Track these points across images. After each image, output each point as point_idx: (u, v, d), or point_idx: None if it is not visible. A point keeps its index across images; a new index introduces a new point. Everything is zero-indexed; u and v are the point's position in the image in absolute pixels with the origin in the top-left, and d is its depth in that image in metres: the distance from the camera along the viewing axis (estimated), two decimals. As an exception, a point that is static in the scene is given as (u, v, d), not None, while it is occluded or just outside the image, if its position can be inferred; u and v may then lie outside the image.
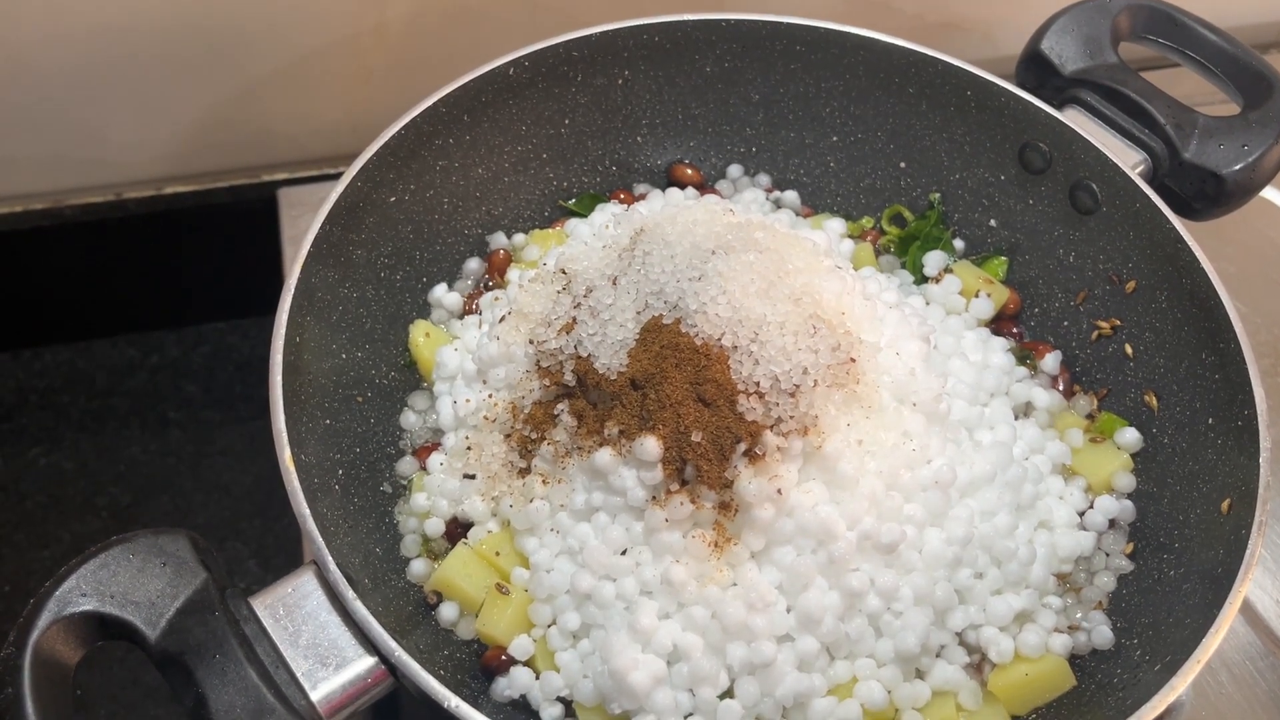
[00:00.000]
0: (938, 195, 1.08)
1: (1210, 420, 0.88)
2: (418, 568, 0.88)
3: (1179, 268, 0.92)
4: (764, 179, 1.12)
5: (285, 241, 1.21)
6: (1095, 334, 0.99)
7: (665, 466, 0.80)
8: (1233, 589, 0.75)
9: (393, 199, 0.97)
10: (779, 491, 0.80)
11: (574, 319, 0.87)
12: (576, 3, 1.28)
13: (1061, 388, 0.99)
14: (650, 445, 0.80)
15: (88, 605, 0.70)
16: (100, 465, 1.36)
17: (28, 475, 1.35)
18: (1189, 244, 0.91)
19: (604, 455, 0.82)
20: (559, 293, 0.91)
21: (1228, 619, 0.74)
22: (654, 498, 0.81)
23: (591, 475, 0.84)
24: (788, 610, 0.81)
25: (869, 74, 1.05)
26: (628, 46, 1.04)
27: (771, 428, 0.81)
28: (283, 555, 1.32)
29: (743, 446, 0.80)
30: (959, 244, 1.07)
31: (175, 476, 1.37)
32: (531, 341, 0.89)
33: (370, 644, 0.72)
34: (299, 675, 0.71)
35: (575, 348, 0.85)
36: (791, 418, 0.81)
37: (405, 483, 0.93)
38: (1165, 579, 0.86)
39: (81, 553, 1.08)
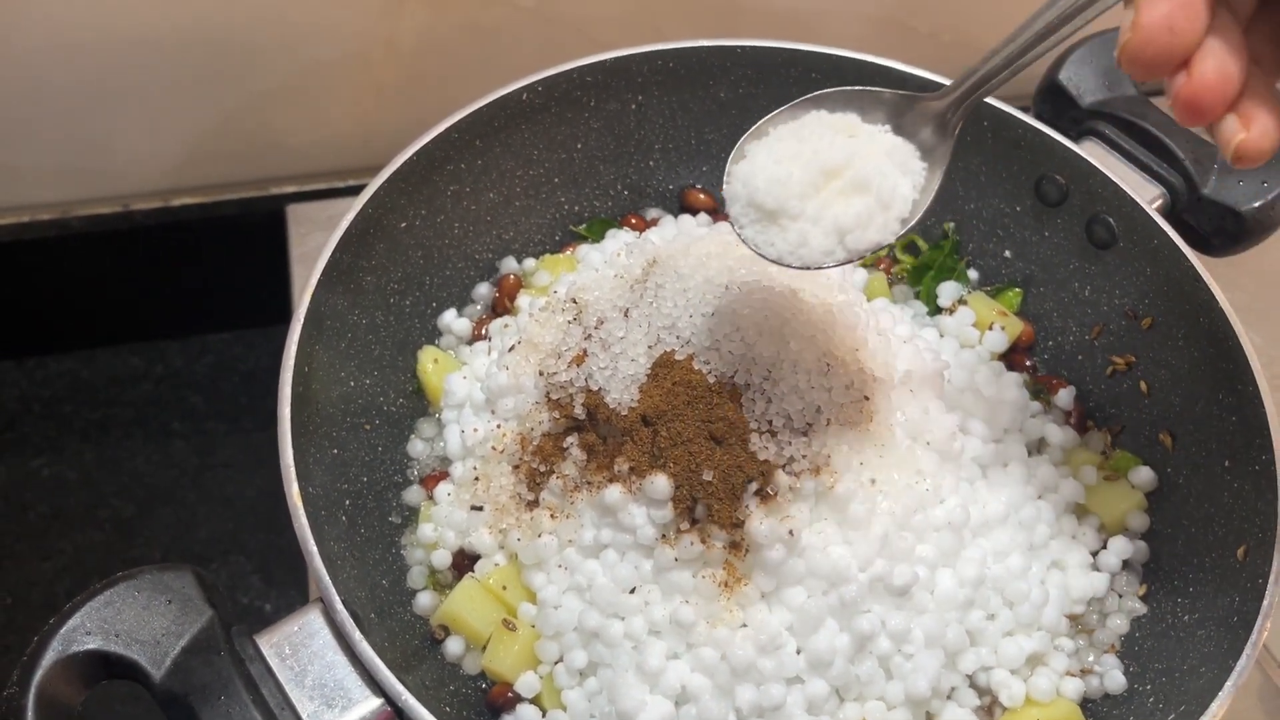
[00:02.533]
0: (952, 225, 1.07)
1: (1226, 462, 0.87)
2: (424, 600, 0.87)
3: (1196, 305, 0.91)
4: (776, 205, 1.11)
5: (293, 260, 1.20)
6: (1110, 369, 0.99)
7: (676, 505, 0.80)
8: (1249, 641, 0.74)
9: (403, 225, 0.96)
10: (790, 533, 0.79)
11: (585, 351, 0.86)
12: (589, 21, 1.27)
13: (1075, 423, 0.98)
14: (661, 483, 0.79)
15: (92, 644, 0.69)
16: (103, 476, 1.36)
17: (30, 485, 1.34)
18: (1207, 282, 0.90)
19: (614, 492, 0.81)
20: (570, 323, 0.90)
21: (1245, 671, 0.73)
22: (664, 536, 0.81)
23: (601, 511, 0.83)
24: (798, 652, 0.80)
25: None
26: (641, 72, 1.03)
27: (784, 467, 0.80)
28: (286, 570, 1.31)
29: (754, 486, 0.80)
30: (973, 274, 1.06)
31: (178, 488, 1.36)
32: (541, 373, 0.88)
33: (376, 685, 0.72)
34: (305, 717, 0.70)
35: (586, 381, 0.85)
36: (804, 457, 0.81)
37: (412, 512, 0.92)
38: (1179, 624, 0.85)
39: (83, 565, 1.06)
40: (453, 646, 0.85)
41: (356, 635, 0.72)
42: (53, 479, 1.35)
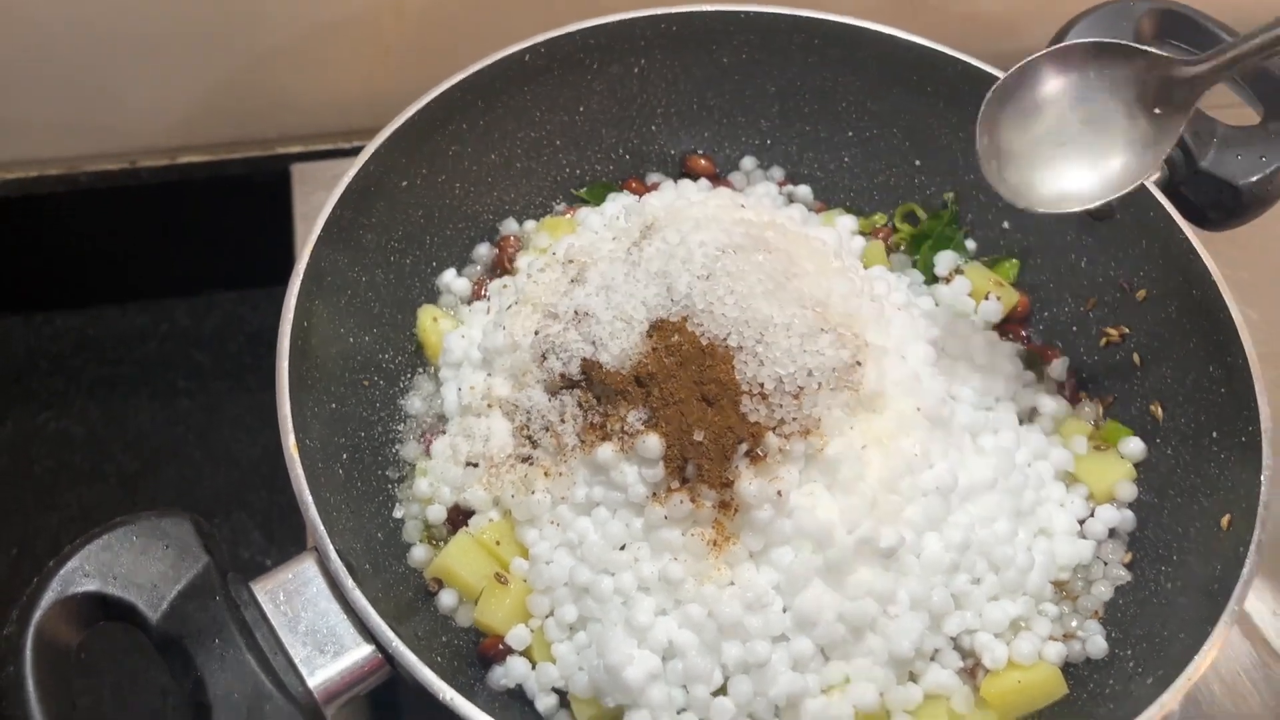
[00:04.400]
0: (952, 195, 1.07)
1: (1214, 434, 0.88)
2: (419, 554, 0.89)
3: (1190, 279, 0.92)
4: (777, 172, 1.12)
5: (297, 218, 1.21)
6: (1104, 341, 0.99)
7: (667, 464, 0.81)
8: (1227, 607, 0.75)
9: (404, 183, 0.97)
10: (779, 493, 0.80)
11: (582, 311, 0.87)
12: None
13: (1067, 394, 0.99)
14: (652, 442, 0.80)
15: (90, 586, 0.71)
16: (109, 432, 1.37)
17: (37, 440, 1.36)
18: (1201, 255, 0.91)
19: (606, 450, 0.82)
20: (568, 284, 0.91)
21: (1221, 637, 0.74)
22: (654, 495, 0.82)
23: (593, 470, 0.84)
24: (784, 610, 0.81)
25: (887, 70, 1.04)
26: (645, 35, 1.04)
27: (774, 429, 0.81)
28: (287, 527, 1.32)
29: (744, 447, 0.81)
30: (971, 245, 1.07)
31: (183, 445, 1.37)
32: (538, 332, 0.89)
33: (368, 632, 0.73)
34: (297, 661, 0.72)
35: (582, 341, 0.86)
36: (794, 419, 0.82)
37: (409, 468, 0.93)
38: (1162, 591, 0.86)
39: (88, 519, 1.08)
40: (446, 599, 0.87)
41: (349, 583, 0.73)
42: (59, 434, 1.36)
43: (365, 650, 0.73)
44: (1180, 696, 0.72)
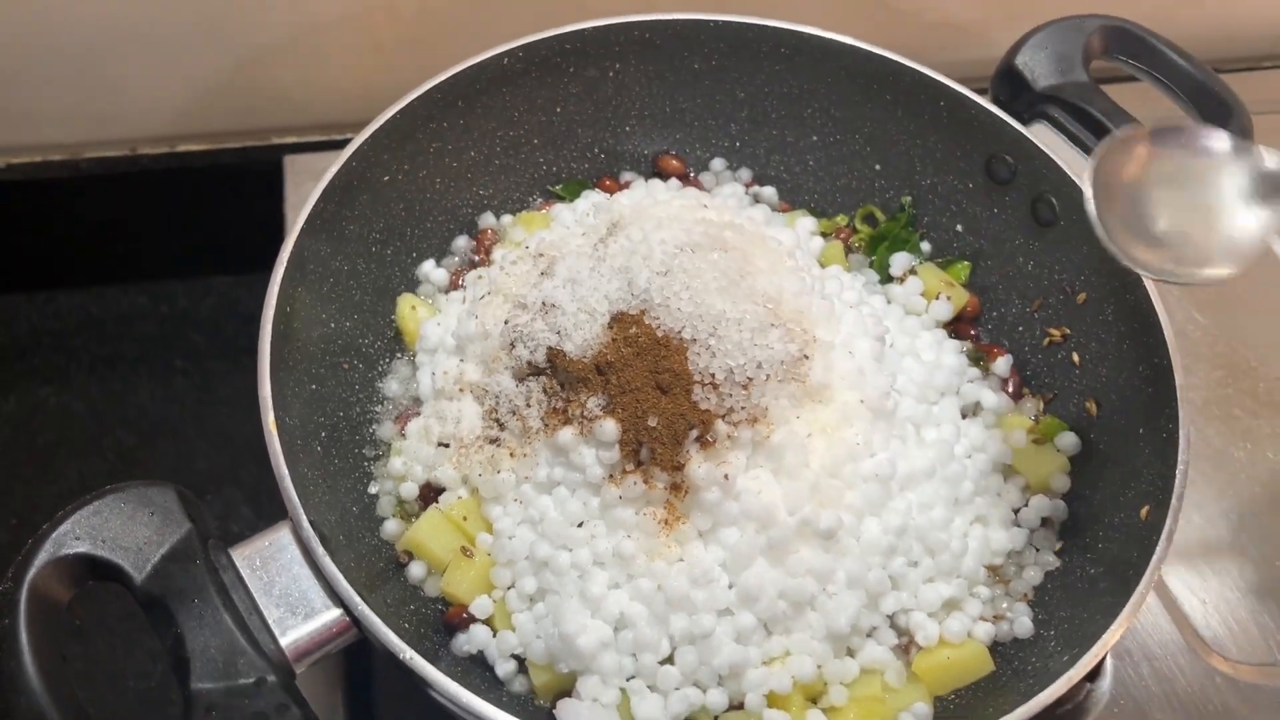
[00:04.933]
0: (909, 199, 1.12)
1: (1141, 430, 0.93)
2: (391, 527, 0.94)
3: (1125, 283, 0.97)
4: (745, 173, 1.17)
5: (288, 208, 1.26)
6: (1047, 340, 1.05)
7: (622, 447, 0.86)
8: (1136, 589, 0.81)
9: (386, 178, 1.02)
10: (726, 476, 0.85)
11: (549, 302, 0.93)
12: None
13: (1011, 390, 1.04)
14: (609, 427, 0.86)
15: (81, 548, 0.76)
16: (108, 408, 1.41)
17: (38, 414, 1.40)
18: (1135, 261, 0.96)
19: (567, 434, 0.88)
20: (539, 277, 0.97)
21: (1128, 617, 0.80)
22: (611, 476, 0.87)
23: (554, 451, 0.89)
24: (729, 586, 0.87)
25: (849, 79, 1.09)
26: (619, 41, 1.09)
27: (723, 417, 0.87)
28: (275, 503, 1.37)
29: (695, 433, 0.86)
30: (926, 246, 1.12)
31: (179, 423, 1.42)
32: (507, 321, 0.94)
33: (337, 597, 0.79)
34: (270, 622, 0.78)
35: (548, 330, 0.91)
36: (743, 408, 0.87)
37: (384, 447, 0.99)
38: (1085, 576, 0.92)
39: (86, 491, 1.14)
40: (415, 570, 0.92)
41: (320, 551, 0.79)
42: (59, 408, 1.41)
43: (334, 613, 0.79)
44: (1086, 669, 0.78)
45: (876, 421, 0.92)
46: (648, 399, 0.86)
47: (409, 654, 0.76)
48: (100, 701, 1.19)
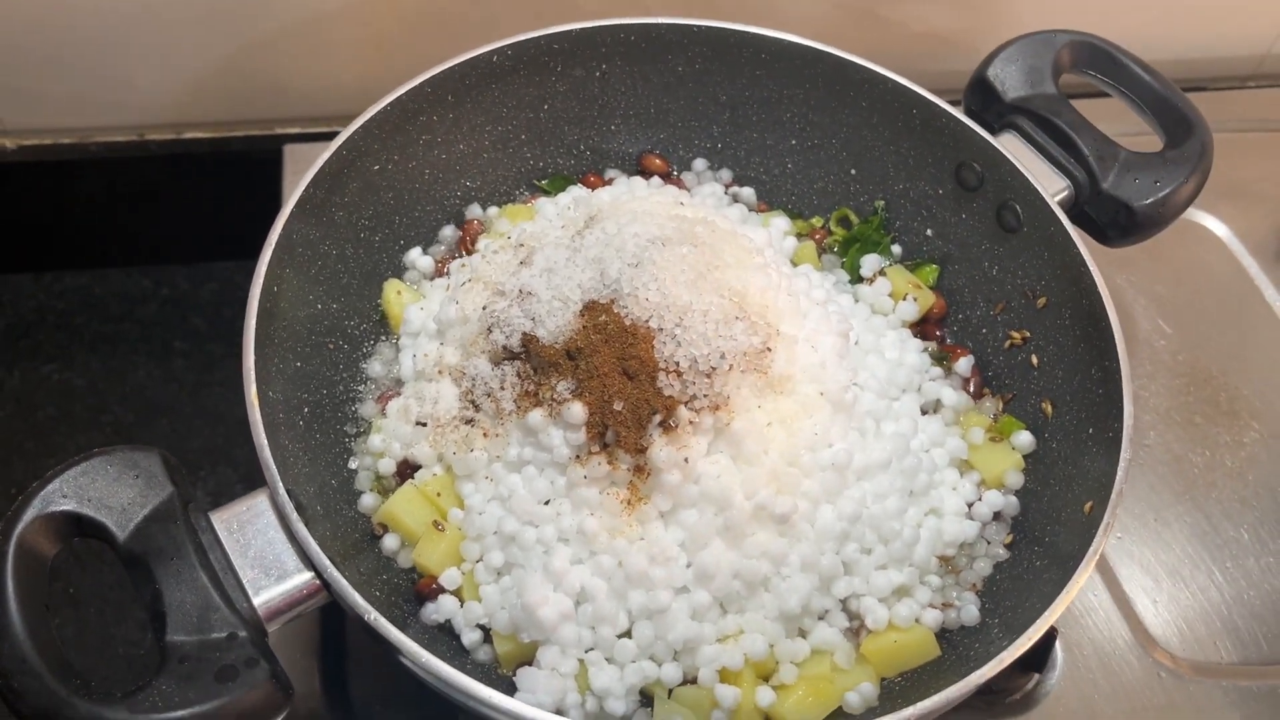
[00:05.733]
0: (882, 202, 1.16)
1: (1090, 430, 0.97)
2: (367, 501, 0.98)
3: (1081, 289, 1.00)
4: (726, 174, 1.21)
5: (286, 196, 1.30)
6: (1008, 343, 1.08)
7: (589, 430, 0.90)
8: (1071, 578, 0.84)
9: (376, 167, 1.06)
10: (686, 460, 0.89)
11: (525, 290, 0.97)
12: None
13: (972, 389, 1.08)
14: (577, 410, 0.90)
15: (67, 505, 0.80)
16: (108, 385, 1.45)
17: (41, 389, 1.44)
18: (1090, 269, 0.99)
19: (536, 415, 0.92)
20: (518, 265, 1.01)
21: (1063, 605, 0.84)
22: (577, 457, 0.91)
23: (525, 432, 0.93)
24: (687, 565, 0.90)
25: (827, 86, 1.13)
26: (605, 42, 1.13)
27: (686, 403, 0.90)
28: (264, 480, 1.42)
29: (658, 418, 0.90)
30: (897, 249, 1.16)
31: (176, 402, 1.45)
32: (485, 307, 0.98)
33: (309, 561, 0.83)
34: (244, 582, 0.82)
35: (523, 317, 0.95)
36: (706, 396, 0.91)
37: (365, 424, 1.03)
38: (1032, 568, 0.95)
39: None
40: (389, 542, 0.96)
41: (294, 517, 0.83)
42: (61, 385, 1.45)
43: (305, 576, 0.83)
44: (1018, 654, 0.82)
45: (836, 414, 0.96)
46: (614, 384, 0.90)
47: (373, 615, 0.80)
48: (90, 664, 1.23)
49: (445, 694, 0.81)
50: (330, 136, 1.30)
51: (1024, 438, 1.03)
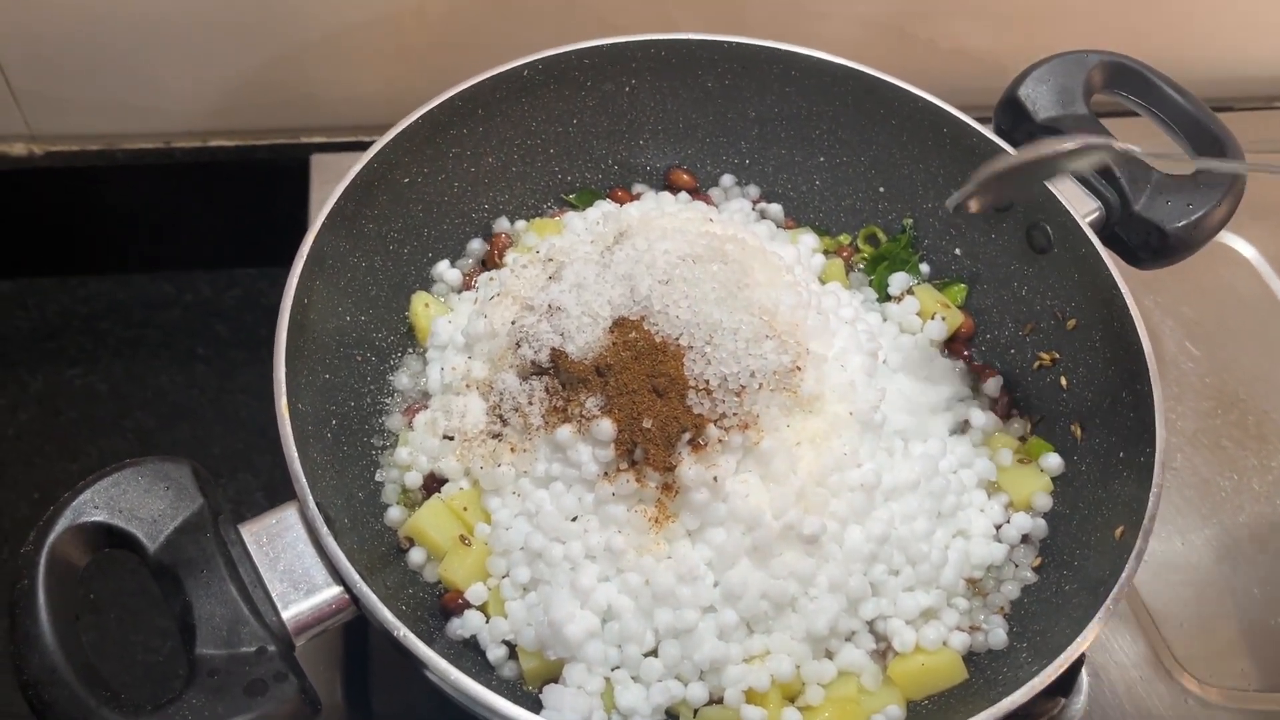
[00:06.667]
0: (910, 221, 1.16)
1: (1121, 454, 0.96)
2: (394, 514, 0.98)
3: (1113, 312, 1.00)
4: (753, 190, 1.20)
5: (313, 205, 1.31)
6: (1037, 364, 1.08)
7: (617, 447, 0.90)
8: (1103, 605, 0.84)
9: (406, 180, 1.06)
10: (714, 478, 0.89)
11: (554, 305, 0.97)
12: (608, 5, 1.36)
13: (1000, 410, 1.07)
14: (606, 426, 0.90)
15: (99, 516, 0.80)
16: (131, 390, 1.46)
17: (64, 393, 1.45)
18: (1122, 290, 0.99)
19: (565, 431, 0.92)
20: (547, 280, 1.01)
21: (1094, 632, 0.83)
22: (605, 473, 0.90)
23: (553, 448, 0.93)
24: (714, 584, 0.90)
25: (856, 103, 1.13)
26: (636, 58, 1.13)
27: (715, 421, 0.90)
28: (287, 489, 1.41)
29: (688, 435, 0.89)
30: (925, 268, 1.15)
31: (198, 407, 1.46)
32: (514, 322, 0.98)
33: (338, 575, 0.83)
34: (273, 595, 0.82)
35: (552, 332, 0.95)
36: (735, 414, 0.90)
37: (392, 437, 1.03)
38: (1061, 592, 0.95)
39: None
40: (415, 556, 0.96)
41: (324, 531, 0.83)
42: (85, 389, 1.46)
43: (334, 590, 0.83)
44: (1049, 680, 0.81)
45: (864, 434, 0.96)
46: (643, 401, 0.90)
47: (402, 631, 0.80)
48: (110, 671, 1.23)
49: (470, 710, 0.81)
50: (356, 147, 1.31)
51: (1053, 460, 1.03)
